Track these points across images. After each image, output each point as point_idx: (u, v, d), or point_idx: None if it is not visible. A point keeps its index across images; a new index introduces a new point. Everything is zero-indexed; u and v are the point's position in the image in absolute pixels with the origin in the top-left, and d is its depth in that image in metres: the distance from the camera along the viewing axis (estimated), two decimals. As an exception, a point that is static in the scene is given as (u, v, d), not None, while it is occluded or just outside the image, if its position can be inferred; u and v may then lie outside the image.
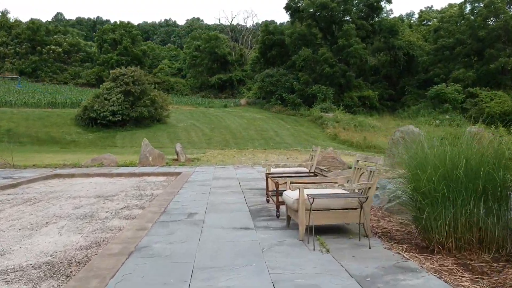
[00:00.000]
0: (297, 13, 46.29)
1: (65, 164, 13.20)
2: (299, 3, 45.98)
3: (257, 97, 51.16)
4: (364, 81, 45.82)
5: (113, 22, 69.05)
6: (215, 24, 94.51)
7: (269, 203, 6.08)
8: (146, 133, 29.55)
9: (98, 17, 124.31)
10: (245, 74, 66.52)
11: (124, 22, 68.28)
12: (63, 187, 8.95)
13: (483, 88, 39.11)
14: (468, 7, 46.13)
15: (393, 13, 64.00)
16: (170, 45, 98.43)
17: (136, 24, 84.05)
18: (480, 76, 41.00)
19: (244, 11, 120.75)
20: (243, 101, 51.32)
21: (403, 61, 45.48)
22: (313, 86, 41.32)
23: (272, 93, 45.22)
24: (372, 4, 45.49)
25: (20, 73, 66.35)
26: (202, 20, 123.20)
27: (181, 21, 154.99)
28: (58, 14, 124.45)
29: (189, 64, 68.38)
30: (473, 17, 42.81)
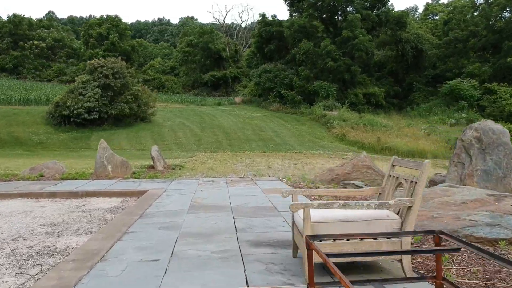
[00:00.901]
0: (297, 3, 42.64)
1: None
2: (299, -8, 42.30)
3: (253, 95, 47.42)
4: (369, 77, 42.23)
5: (100, 16, 64.84)
6: (210, 23, 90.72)
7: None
8: (127, 133, 25.74)
9: (91, 16, 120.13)
10: (240, 71, 62.75)
11: (112, 16, 64.14)
12: None
13: (501, 84, 35.67)
14: (481, -3, 42.66)
15: (394, 8, 60.49)
16: (163, 43, 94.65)
17: (129, 23, 79.99)
18: (497, 71, 37.55)
19: (239, 5, 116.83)
20: (238, 99, 47.57)
21: (411, 56, 41.89)
22: (315, 82, 37.65)
23: (270, 90, 41.52)
24: (377, -7, 41.90)
25: (1, 70, 62.20)
26: (196, 19, 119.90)
27: (175, 20, 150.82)
28: (50, 13, 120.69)
29: (181, 61, 64.39)
30: (488, 8, 39.33)
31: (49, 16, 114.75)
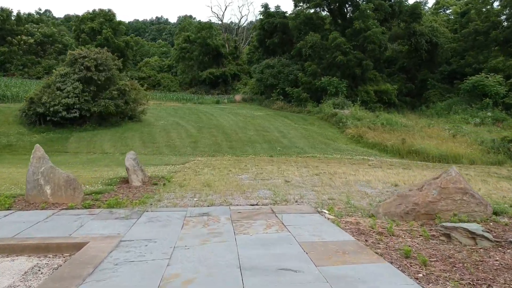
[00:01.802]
0: (302, -7, 39.28)
1: None
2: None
3: (255, 93, 44.02)
4: (380, 73, 38.83)
5: (92, 10, 61.35)
6: (209, 22, 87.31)
7: None
8: (112, 134, 22.30)
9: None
10: (240, 69, 59.32)
11: (104, 10, 60.63)
12: None
13: (528, 80, 32.34)
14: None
15: None
16: (161, 42, 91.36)
17: (127, 22, 76.54)
18: (523, 66, 34.21)
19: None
20: (238, 97, 44.15)
21: (425, 50, 38.48)
22: (322, 78, 34.26)
23: (273, 87, 38.12)
24: (389, -18, 38.54)
25: (-13, 66, 58.72)
26: (195, 18, 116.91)
27: (173, 19, 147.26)
28: (46, 12, 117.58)
29: (178, 57, 60.86)
30: (512, -4, 35.97)
31: (45, 15, 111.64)
